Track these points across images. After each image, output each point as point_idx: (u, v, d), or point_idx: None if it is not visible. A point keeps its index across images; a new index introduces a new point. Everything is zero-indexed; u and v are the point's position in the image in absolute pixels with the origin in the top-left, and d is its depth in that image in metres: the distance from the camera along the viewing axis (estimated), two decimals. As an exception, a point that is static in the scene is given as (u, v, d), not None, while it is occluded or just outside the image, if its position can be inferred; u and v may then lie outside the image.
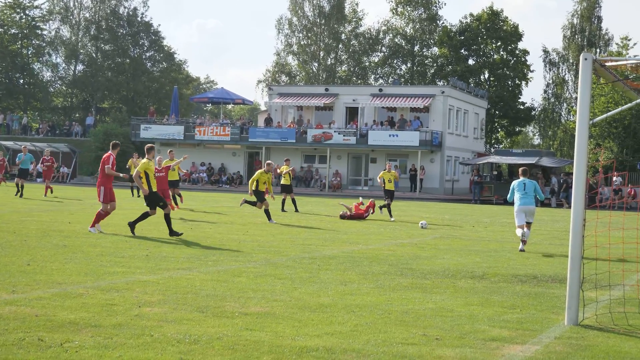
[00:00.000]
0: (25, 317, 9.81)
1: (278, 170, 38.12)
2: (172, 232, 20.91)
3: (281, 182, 35.97)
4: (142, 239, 19.94)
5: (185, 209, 32.77)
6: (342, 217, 30.72)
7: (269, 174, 29.11)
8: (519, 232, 21.03)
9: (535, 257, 19.19)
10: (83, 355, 8.17)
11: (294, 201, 34.96)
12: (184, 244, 19.15)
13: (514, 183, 21.41)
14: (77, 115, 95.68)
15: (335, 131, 67.12)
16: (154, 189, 21.42)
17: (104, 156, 21.95)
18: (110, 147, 22.25)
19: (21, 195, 37.95)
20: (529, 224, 21.13)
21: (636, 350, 9.43)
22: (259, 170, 29.11)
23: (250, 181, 29.00)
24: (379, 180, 32.97)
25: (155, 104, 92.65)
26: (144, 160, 21.72)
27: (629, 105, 12.16)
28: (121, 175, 23.04)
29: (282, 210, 34.28)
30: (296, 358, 8.37)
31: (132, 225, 21.05)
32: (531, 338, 9.83)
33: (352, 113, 71.22)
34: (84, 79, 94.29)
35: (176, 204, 32.42)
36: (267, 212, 28.14)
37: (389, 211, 31.93)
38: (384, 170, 33.06)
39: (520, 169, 21.95)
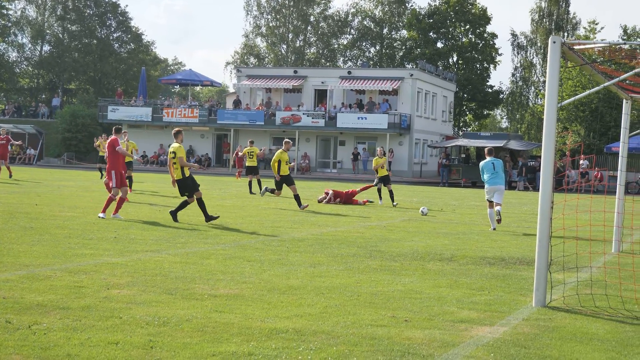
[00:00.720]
0: (-7, 300, 9.74)
1: (240, 154, 37.75)
2: (174, 216, 20.53)
3: (246, 164, 35.91)
4: (110, 221, 19.84)
5: (135, 192, 32.59)
6: (320, 201, 30.38)
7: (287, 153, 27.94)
8: (490, 212, 21.71)
9: (503, 240, 19.30)
10: (51, 337, 8.12)
11: (259, 183, 34.91)
12: (152, 227, 19.07)
13: (482, 164, 21.86)
14: (43, 96, 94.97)
15: (304, 113, 67.10)
16: (187, 174, 20.65)
17: (109, 140, 21.47)
18: (114, 131, 21.94)
19: None
20: (498, 204, 21.62)
21: (603, 331, 9.51)
22: (279, 151, 27.65)
23: (272, 163, 27.60)
24: (375, 168, 31.02)
25: (123, 86, 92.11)
26: (176, 144, 20.93)
27: (596, 88, 12.22)
28: (135, 157, 22.54)
29: (250, 192, 34.27)
30: (266, 340, 8.37)
31: (208, 218, 20.48)
32: (499, 319, 9.89)
33: (321, 95, 71.21)
34: (51, 60, 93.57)
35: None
36: (297, 197, 26.89)
37: (391, 196, 30.62)
38: (376, 156, 31.19)
39: (486, 149, 22.51)
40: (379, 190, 30.96)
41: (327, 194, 30.59)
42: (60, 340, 8.01)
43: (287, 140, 28.59)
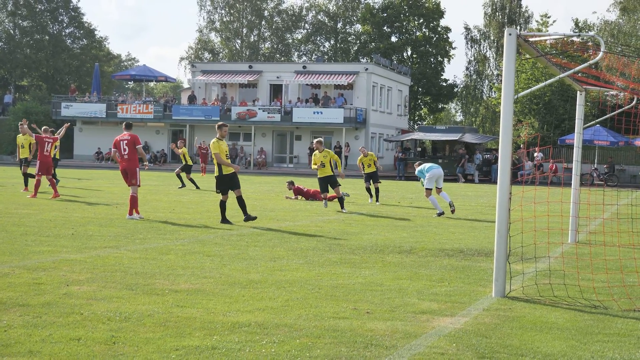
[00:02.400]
0: (-50, 298, 9.63)
1: (178, 151, 37.58)
2: (247, 217, 19.70)
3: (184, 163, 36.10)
4: (66, 218, 19.68)
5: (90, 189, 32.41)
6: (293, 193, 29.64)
7: (325, 152, 25.36)
8: (432, 199, 23.97)
9: (461, 232, 19.42)
10: (12, 334, 8.04)
11: (191, 180, 34.98)
12: (109, 223, 18.94)
13: (419, 169, 24.26)
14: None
15: (259, 108, 66.94)
16: (224, 172, 19.69)
17: (129, 138, 20.69)
18: (126, 127, 21.17)
19: None
20: (439, 189, 24.06)
21: (562, 320, 9.61)
22: (314, 153, 25.70)
23: (316, 167, 25.45)
24: (359, 165, 29.66)
25: (76, 82, 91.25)
26: (213, 139, 20.27)
27: (552, 79, 12.33)
28: (145, 163, 22.02)
29: (181, 186, 34.47)
30: (229, 333, 8.36)
31: (246, 217, 19.71)
32: (460, 310, 9.96)
33: (276, 90, 71.10)
34: (2, 56, 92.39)
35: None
36: (326, 202, 25.92)
37: (376, 194, 29.17)
38: (361, 155, 29.27)
39: (416, 164, 25.40)
40: (368, 190, 29.45)
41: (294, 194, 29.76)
42: (21, 337, 7.94)
43: (319, 139, 25.87)
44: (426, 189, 23.93)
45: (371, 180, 29.31)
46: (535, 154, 57.21)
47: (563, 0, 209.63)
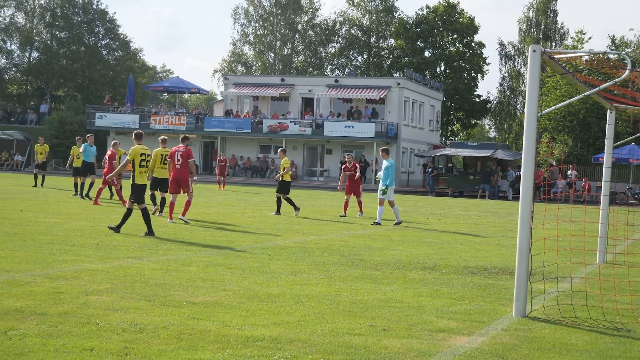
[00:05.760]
0: (-31, 306, 9.68)
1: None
2: (150, 231, 18.60)
3: (39, 160, 36.37)
4: (93, 228, 19.75)
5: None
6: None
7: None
8: (384, 209, 26.11)
9: (487, 249, 19.29)
10: (27, 343, 8.07)
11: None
12: (135, 233, 18.97)
13: (393, 164, 25.51)
14: (31, 102, 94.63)
15: (291, 122, 67.03)
16: (137, 182, 19.01)
17: (184, 150, 22.96)
18: (183, 140, 23.58)
19: None
20: (392, 202, 25.76)
21: (582, 342, 9.50)
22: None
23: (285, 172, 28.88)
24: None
25: (111, 93, 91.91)
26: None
27: (575, 98, 12.22)
28: (195, 177, 24.04)
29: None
30: (242, 347, 8.33)
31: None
32: (478, 329, 9.86)
33: (308, 104, 71.18)
34: (39, 67, 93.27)
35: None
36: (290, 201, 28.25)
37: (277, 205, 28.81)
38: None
39: (384, 149, 25.91)
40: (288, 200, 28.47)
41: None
42: (35, 346, 7.97)
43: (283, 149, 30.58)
44: (390, 199, 25.55)
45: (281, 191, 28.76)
46: (569, 172, 56.79)
47: (600, 16, 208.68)
